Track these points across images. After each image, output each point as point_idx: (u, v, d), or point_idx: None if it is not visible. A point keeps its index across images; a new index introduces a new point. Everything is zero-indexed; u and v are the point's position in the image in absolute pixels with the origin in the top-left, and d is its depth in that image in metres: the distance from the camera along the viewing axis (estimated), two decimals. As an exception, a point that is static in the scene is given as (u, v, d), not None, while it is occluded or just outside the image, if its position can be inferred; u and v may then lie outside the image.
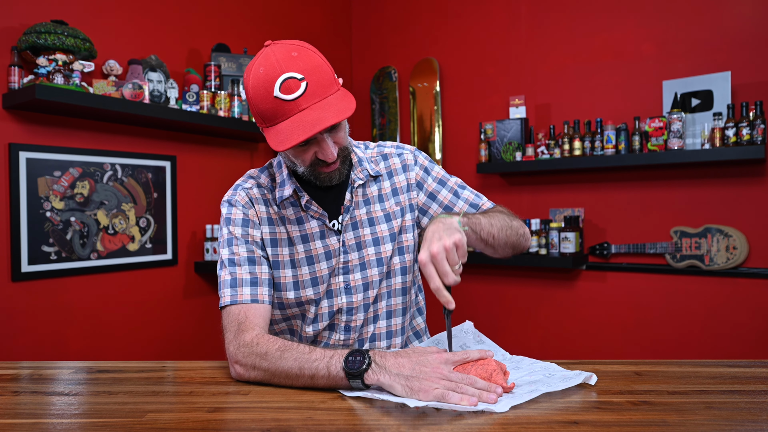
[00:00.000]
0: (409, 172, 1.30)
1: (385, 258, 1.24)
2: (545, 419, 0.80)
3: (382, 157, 1.30)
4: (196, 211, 2.72)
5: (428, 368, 0.89)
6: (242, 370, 1.02)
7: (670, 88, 2.59)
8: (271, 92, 1.01)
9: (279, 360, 0.98)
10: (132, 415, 0.84)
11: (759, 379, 0.99)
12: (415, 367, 0.89)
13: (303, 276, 1.20)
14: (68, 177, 2.21)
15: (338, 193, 1.23)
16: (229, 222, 1.19)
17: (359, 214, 1.24)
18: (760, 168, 2.47)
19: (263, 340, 1.03)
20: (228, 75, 2.77)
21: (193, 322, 2.68)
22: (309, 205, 1.19)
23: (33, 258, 2.09)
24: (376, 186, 1.27)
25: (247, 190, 1.22)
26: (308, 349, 0.98)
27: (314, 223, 1.21)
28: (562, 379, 0.94)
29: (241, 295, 1.12)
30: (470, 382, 0.88)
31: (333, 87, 1.06)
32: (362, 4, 3.74)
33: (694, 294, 2.60)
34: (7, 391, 0.98)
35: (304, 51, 1.05)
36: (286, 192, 1.18)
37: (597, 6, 2.85)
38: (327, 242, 1.21)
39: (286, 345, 1.00)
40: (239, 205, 1.20)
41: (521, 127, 2.97)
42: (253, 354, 1.01)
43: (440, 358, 0.91)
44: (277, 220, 1.21)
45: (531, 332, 3.06)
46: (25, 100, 1.95)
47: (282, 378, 0.98)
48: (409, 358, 0.92)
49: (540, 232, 2.86)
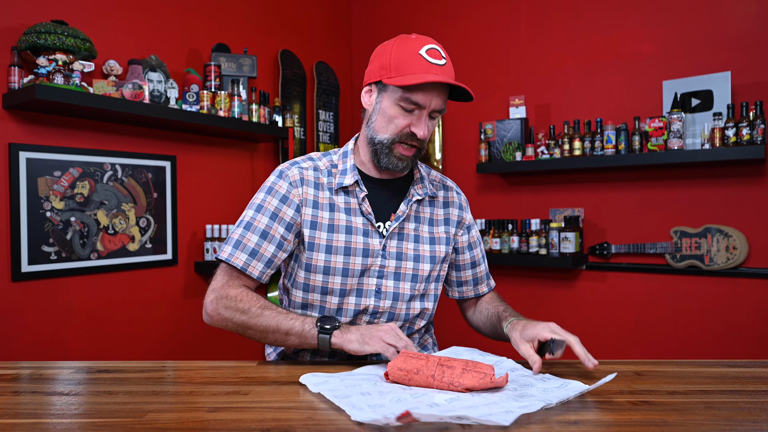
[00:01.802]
0: (464, 212, 1.38)
1: (421, 276, 1.28)
2: (545, 419, 0.80)
3: (443, 186, 1.38)
4: (196, 211, 2.72)
5: (380, 331, 1.07)
6: (217, 318, 1.17)
7: (670, 88, 2.59)
8: (417, 49, 1.13)
9: (258, 317, 1.13)
10: (132, 415, 0.84)
11: (759, 379, 0.99)
12: (370, 329, 1.09)
13: (336, 263, 1.22)
14: (68, 177, 2.21)
15: (393, 200, 1.28)
16: (271, 191, 1.23)
17: (407, 227, 1.28)
18: (760, 168, 2.47)
19: (247, 296, 1.16)
20: (228, 75, 2.78)
21: (193, 322, 2.68)
22: (363, 201, 1.23)
23: (33, 258, 2.09)
24: (430, 208, 1.32)
25: (302, 170, 1.25)
26: (286, 312, 1.14)
27: (361, 219, 1.24)
28: (561, 386, 0.93)
29: (237, 258, 1.19)
30: (408, 343, 1.06)
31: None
32: (362, 4, 3.74)
33: (694, 294, 2.60)
34: (7, 391, 0.98)
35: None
36: (348, 181, 1.23)
37: (597, 6, 2.85)
38: (369, 240, 1.24)
39: (268, 305, 1.15)
40: (287, 180, 1.23)
41: (521, 127, 2.97)
42: (233, 308, 1.15)
43: (390, 325, 1.09)
44: (323, 205, 1.24)
45: (531, 332, 3.06)
46: (25, 100, 1.95)
47: (257, 332, 1.14)
48: (368, 327, 1.10)
49: (540, 232, 2.86)
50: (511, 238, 2.93)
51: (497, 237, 2.97)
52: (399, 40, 1.17)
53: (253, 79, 2.91)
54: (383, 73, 1.16)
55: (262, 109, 2.84)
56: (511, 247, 2.93)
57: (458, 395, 0.90)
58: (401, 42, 1.16)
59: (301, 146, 3.27)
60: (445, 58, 1.15)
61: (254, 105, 2.79)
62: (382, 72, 1.16)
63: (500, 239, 2.96)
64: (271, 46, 3.14)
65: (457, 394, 0.91)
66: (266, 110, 2.88)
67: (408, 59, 1.13)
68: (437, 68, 1.13)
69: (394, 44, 1.16)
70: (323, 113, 3.45)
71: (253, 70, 2.85)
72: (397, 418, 0.75)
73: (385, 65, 1.15)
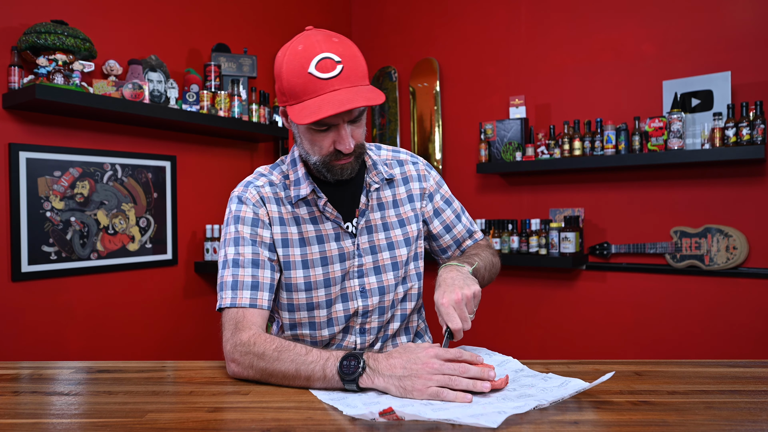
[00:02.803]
0: (424, 182, 1.32)
1: (401, 262, 1.26)
2: (545, 419, 0.80)
3: (397, 162, 1.31)
4: (196, 211, 2.72)
5: (419, 365, 0.89)
6: (238, 369, 1.03)
7: (670, 88, 2.59)
8: (306, 68, 1.02)
9: (276, 361, 0.99)
10: (132, 415, 0.84)
11: (759, 379, 0.99)
12: (406, 365, 0.90)
13: (316, 276, 1.19)
14: (68, 177, 2.21)
15: (353, 196, 1.23)
16: (238, 220, 1.16)
17: (374, 218, 1.24)
18: (760, 168, 2.47)
19: (260, 339, 1.03)
20: (228, 75, 2.78)
21: (193, 322, 2.68)
22: (325, 207, 1.18)
23: (33, 258, 2.09)
24: (390, 191, 1.28)
25: (258, 188, 1.19)
26: (305, 351, 0.98)
27: (329, 224, 1.20)
28: (560, 385, 0.93)
29: (241, 299, 1.11)
30: (462, 370, 0.88)
31: (365, 80, 1.07)
32: (362, 4, 3.74)
33: (694, 294, 2.60)
34: (7, 391, 0.98)
35: (344, 39, 1.08)
36: (303, 191, 1.17)
37: (597, 6, 2.85)
38: (342, 244, 1.21)
39: (283, 345, 1.00)
40: (250, 204, 1.17)
41: (521, 127, 2.97)
42: (250, 353, 1.01)
43: (431, 352, 0.92)
44: (289, 220, 1.19)
45: (531, 332, 3.06)
46: (25, 100, 1.95)
47: (278, 378, 0.99)
48: (401, 357, 0.92)
49: (540, 232, 2.86)
50: (511, 238, 2.93)
51: (497, 237, 2.97)
52: (288, 55, 1.04)
53: (253, 79, 2.91)
54: (284, 99, 1.07)
55: (262, 109, 2.84)
56: (511, 247, 2.93)
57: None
58: (290, 60, 1.03)
59: (301, 146, 3.26)
60: (340, 62, 1.02)
61: (254, 105, 2.79)
62: (282, 98, 1.08)
63: (500, 239, 2.96)
64: (271, 46, 3.14)
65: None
66: (266, 110, 2.88)
67: (300, 83, 1.02)
68: (333, 81, 1.01)
69: (284, 63, 1.04)
70: (323, 113, 3.45)
71: (253, 70, 2.85)
72: (380, 413, 0.75)
73: (283, 90, 1.06)
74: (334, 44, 1.04)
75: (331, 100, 1.00)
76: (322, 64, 1.01)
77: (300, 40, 1.05)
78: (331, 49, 1.03)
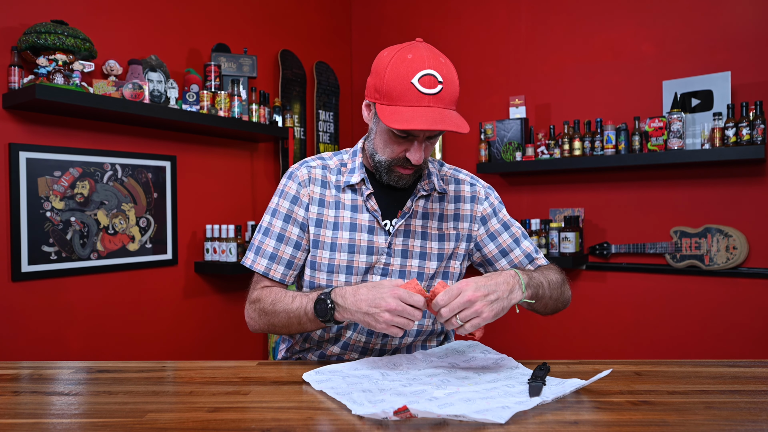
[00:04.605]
0: (477, 204, 1.33)
1: (427, 275, 1.27)
2: (545, 419, 0.80)
3: (454, 180, 1.35)
4: (196, 211, 2.72)
5: (383, 306, 1.00)
6: (252, 323, 1.23)
7: (670, 88, 2.59)
8: (410, 77, 1.07)
9: (273, 313, 1.18)
10: (132, 415, 0.84)
11: (759, 379, 0.99)
12: (372, 302, 1.02)
13: (340, 261, 1.23)
14: (68, 177, 2.21)
15: (399, 197, 1.27)
16: (281, 194, 1.27)
17: (414, 224, 1.27)
18: (760, 168, 2.47)
19: (263, 294, 1.21)
20: (228, 75, 2.77)
21: (193, 322, 2.68)
22: (369, 198, 1.24)
23: (33, 258, 2.09)
24: (439, 205, 1.30)
25: (310, 169, 1.28)
26: (290, 299, 1.16)
27: (367, 215, 1.25)
28: (558, 384, 0.94)
29: (258, 264, 1.25)
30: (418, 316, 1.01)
31: (455, 105, 1.13)
32: (362, 4, 3.74)
33: (694, 294, 2.60)
34: (7, 391, 0.98)
35: (449, 62, 1.13)
36: (354, 179, 1.24)
37: (597, 6, 2.85)
38: (373, 238, 1.24)
39: (278, 296, 1.18)
40: (296, 181, 1.27)
41: (521, 127, 2.97)
42: (257, 310, 1.21)
43: (396, 293, 1.01)
44: (329, 203, 1.26)
45: (531, 332, 3.06)
46: (25, 100, 1.95)
47: (280, 328, 1.19)
48: (368, 293, 1.04)
49: (540, 232, 2.86)
50: (511, 238, 2.93)
51: (497, 237, 2.97)
52: (396, 59, 1.10)
53: (253, 79, 2.91)
54: (377, 97, 1.12)
55: (262, 109, 2.84)
56: (511, 247, 2.93)
57: (456, 389, 0.93)
58: (396, 64, 1.09)
59: (301, 146, 3.27)
60: (441, 83, 1.07)
61: (254, 105, 2.79)
62: (376, 95, 1.13)
63: (500, 239, 2.96)
64: (271, 46, 3.14)
65: (456, 388, 0.93)
66: (266, 110, 2.88)
67: (400, 89, 1.07)
68: (429, 98, 1.07)
69: (389, 65, 1.10)
70: (323, 113, 3.45)
71: (253, 70, 2.85)
72: (394, 412, 0.76)
73: (379, 88, 1.11)
74: (441, 64, 1.10)
75: (424, 115, 1.06)
76: (425, 79, 1.07)
77: (409, 49, 1.11)
78: (437, 68, 1.08)
